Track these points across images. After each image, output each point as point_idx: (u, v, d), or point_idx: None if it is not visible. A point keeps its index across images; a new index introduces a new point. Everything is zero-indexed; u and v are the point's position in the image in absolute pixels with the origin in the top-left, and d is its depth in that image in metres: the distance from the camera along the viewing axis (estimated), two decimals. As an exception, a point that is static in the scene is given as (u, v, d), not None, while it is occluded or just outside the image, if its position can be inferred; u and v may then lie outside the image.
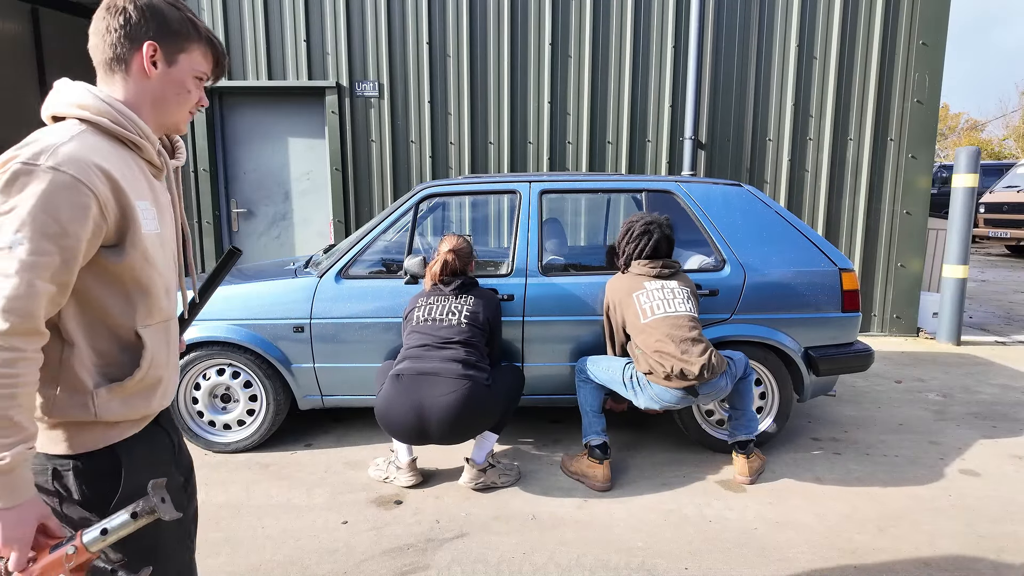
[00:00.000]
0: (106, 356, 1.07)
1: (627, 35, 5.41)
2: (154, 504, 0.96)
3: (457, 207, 5.39)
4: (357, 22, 5.48)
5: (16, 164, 0.94)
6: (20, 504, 0.94)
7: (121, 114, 1.06)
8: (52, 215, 0.93)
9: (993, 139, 31.43)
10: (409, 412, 2.52)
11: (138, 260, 1.05)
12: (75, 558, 0.96)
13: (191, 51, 1.12)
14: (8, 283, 0.91)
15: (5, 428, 0.91)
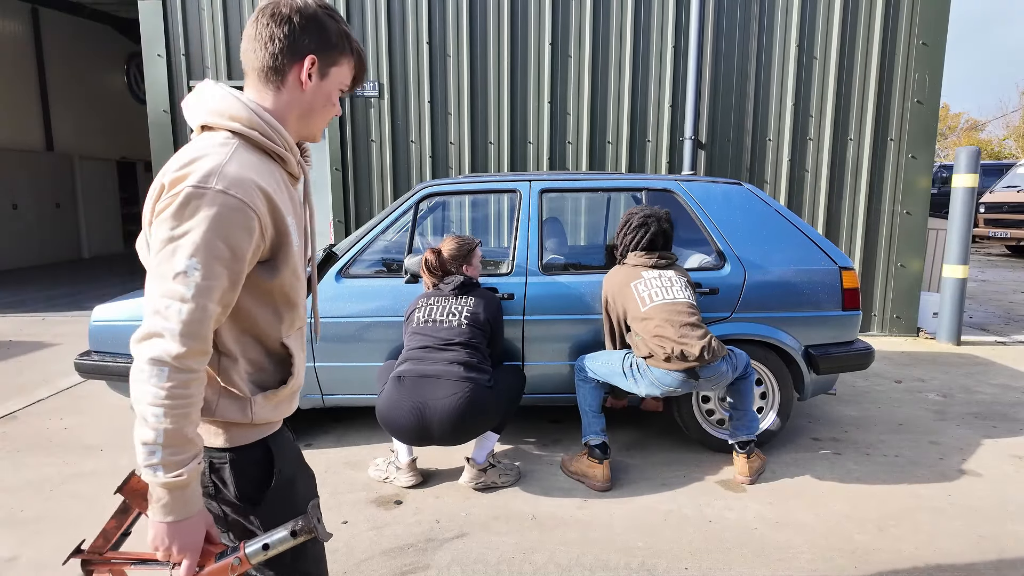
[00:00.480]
0: (256, 364, 1.11)
1: (627, 35, 5.41)
2: (313, 524, 1.02)
3: (457, 206, 5.39)
4: (357, 22, 5.47)
5: (188, 188, 0.94)
6: (190, 516, 0.99)
7: (270, 127, 1.06)
8: (223, 239, 0.95)
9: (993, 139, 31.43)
10: (411, 414, 2.52)
11: (288, 277, 1.08)
12: (238, 569, 1.02)
13: (342, 65, 1.12)
14: (185, 307, 0.93)
15: (182, 446, 0.95)
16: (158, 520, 0.98)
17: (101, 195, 11.90)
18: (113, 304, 3.18)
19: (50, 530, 2.44)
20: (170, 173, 0.97)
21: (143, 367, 0.93)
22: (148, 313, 0.95)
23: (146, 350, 0.93)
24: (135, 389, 0.94)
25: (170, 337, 0.93)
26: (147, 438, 0.94)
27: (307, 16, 1.06)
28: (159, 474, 0.95)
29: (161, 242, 0.95)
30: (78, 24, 11.31)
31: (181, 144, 5.65)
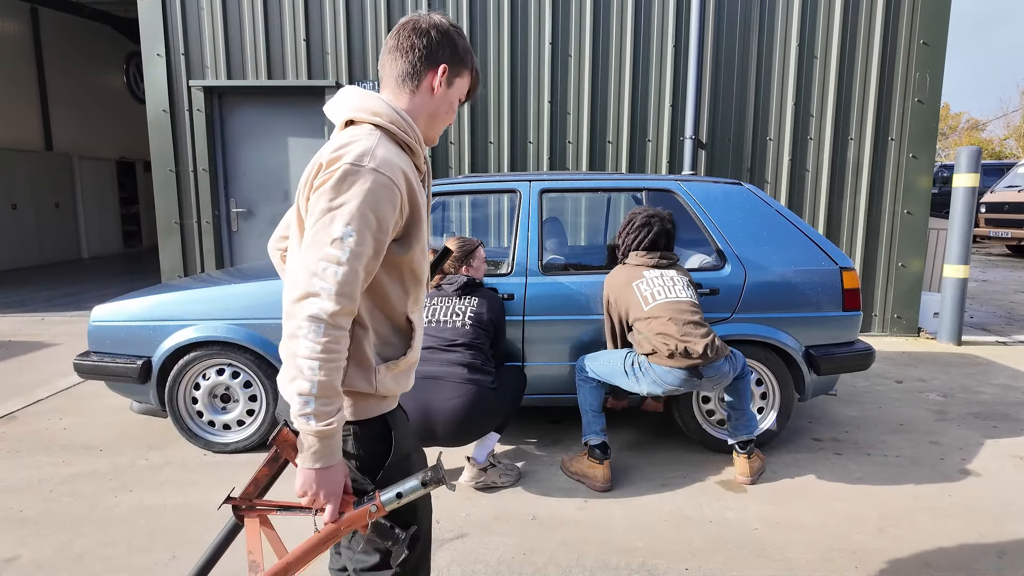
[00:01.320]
0: (383, 337, 1.21)
1: (627, 35, 5.41)
2: (441, 475, 1.13)
3: (457, 206, 5.39)
4: (357, 22, 5.47)
5: (345, 165, 1.07)
6: (335, 464, 1.09)
7: (406, 123, 1.18)
8: (372, 210, 1.07)
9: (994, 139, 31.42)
10: (415, 415, 2.51)
11: (418, 253, 1.20)
12: (375, 515, 1.13)
13: (464, 76, 1.26)
14: (340, 270, 1.04)
15: (332, 397, 1.05)
16: (307, 467, 1.07)
17: (100, 195, 11.89)
18: (112, 304, 3.17)
19: (50, 530, 2.43)
20: (327, 154, 1.10)
21: (301, 324, 1.03)
22: (305, 275, 1.04)
23: (304, 308, 1.03)
24: (291, 344, 1.04)
25: (326, 296, 1.03)
26: (303, 389, 1.03)
27: (442, 31, 1.21)
28: (312, 423, 1.04)
29: (320, 212, 1.07)
30: (78, 24, 11.30)
31: (180, 144, 5.66)
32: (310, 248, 1.06)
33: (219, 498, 2.69)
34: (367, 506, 1.13)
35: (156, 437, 3.35)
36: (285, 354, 1.07)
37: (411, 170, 1.17)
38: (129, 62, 12.78)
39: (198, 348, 3.05)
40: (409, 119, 1.19)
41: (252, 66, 5.55)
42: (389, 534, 1.17)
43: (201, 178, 5.67)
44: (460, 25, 5.37)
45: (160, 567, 2.20)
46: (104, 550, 2.31)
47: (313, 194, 1.09)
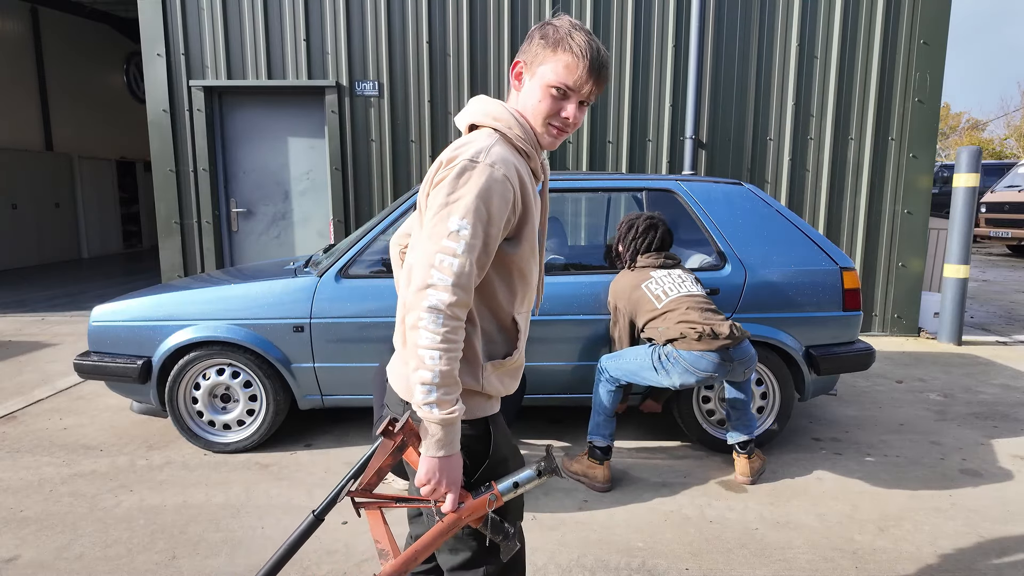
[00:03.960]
0: (489, 335, 1.23)
1: (627, 35, 5.41)
2: (555, 465, 1.16)
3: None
4: (357, 22, 5.47)
5: (463, 161, 1.11)
6: (456, 452, 1.12)
7: (522, 127, 1.21)
8: (486, 205, 1.10)
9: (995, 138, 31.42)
10: None
11: (527, 252, 1.21)
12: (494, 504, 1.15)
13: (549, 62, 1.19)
14: (456, 261, 1.08)
15: (452, 386, 1.08)
16: (431, 455, 1.10)
17: (100, 195, 11.89)
18: (113, 304, 3.17)
19: (50, 530, 2.43)
20: (447, 153, 1.15)
21: (421, 314, 1.07)
22: (423, 267, 1.09)
23: (423, 299, 1.07)
24: (412, 335, 1.07)
25: (443, 287, 1.07)
26: (425, 378, 1.06)
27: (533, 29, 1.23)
28: (435, 411, 1.07)
29: (438, 206, 1.11)
30: (78, 24, 11.31)
31: (181, 144, 5.65)
32: (428, 241, 1.10)
33: (219, 498, 2.69)
34: (486, 495, 1.15)
35: (156, 437, 3.35)
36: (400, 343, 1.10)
37: (526, 171, 1.20)
38: (129, 62, 12.78)
39: (198, 348, 3.05)
40: (526, 124, 1.22)
41: (252, 66, 5.55)
42: (500, 528, 1.18)
43: (201, 178, 5.67)
44: (460, 24, 5.37)
45: (160, 567, 2.20)
46: (104, 550, 2.31)
47: (432, 190, 1.14)
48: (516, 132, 1.20)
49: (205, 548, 2.32)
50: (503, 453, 1.26)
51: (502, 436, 1.27)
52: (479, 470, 1.22)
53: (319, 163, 5.78)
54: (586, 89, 1.19)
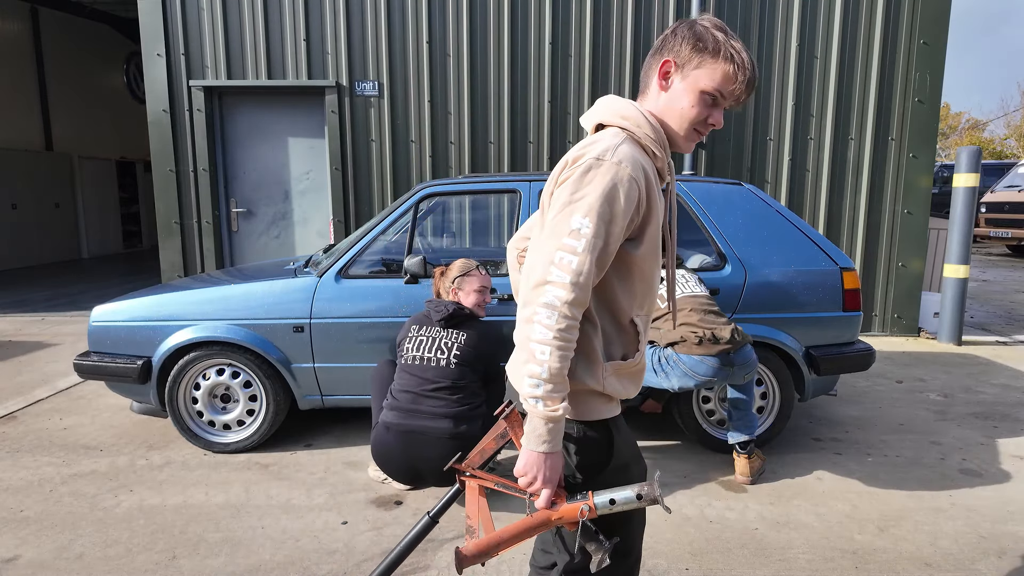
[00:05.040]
0: (608, 336, 1.21)
1: (627, 35, 5.41)
2: (657, 495, 1.13)
3: (457, 207, 5.39)
4: (357, 22, 5.47)
5: (589, 159, 1.11)
6: (557, 451, 1.11)
7: (651, 126, 1.19)
8: (610, 204, 1.09)
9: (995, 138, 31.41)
10: (403, 466, 2.50)
11: (649, 253, 1.20)
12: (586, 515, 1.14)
13: (703, 67, 1.17)
14: (576, 260, 1.07)
15: (561, 384, 1.07)
16: (532, 449, 1.10)
17: (101, 195, 11.89)
18: (113, 304, 3.17)
19: (50, 530, 2.43)
20: (573, 152, 1.14)
21: (537, 310, 1.07)
22: (543, 264, 1.08)
23: (540, 295, 1.07)
24: (526, 329, 1.08)
25: (561, 285, 1.06)
26: (534, 372, 1.06)
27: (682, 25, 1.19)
28: (540, 406, 1.07)
29: (562, 204, 1.10)
30: (78, 24, 11.31)
31: (181, 144, 5.65)
32: (550, 238, 1.10)
33: (219, 498, 2.69)
34: (579, 503, 1.14)
35: (156, 437, 3.35)
36: (519, 338, 1.10)
37: (652, 171, 1.18)
38: (129, 62, 12.78)
39: (198, 348, 3.05)
40: (655, 123, 1.19)
41: (252, 66, 5.55)
42: (593, 537, 1.16)
43: (201, 178, 5.67)
44: (460, 24, 5.37)
45: (160, 567, 2.20)
46: (104, 550, 2.31)
47: (557, 189, 1.14)
48: (645, 131, 1.18)
49: (205, 548, 2.32)
50: (624, 458, 1.24)
51: (624, 440, 1.25)
52: (600, 474, 1.20)
53: (319, 163, 5.78)
54: (739, 99, 1.19)
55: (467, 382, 2.54)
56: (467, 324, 2.63)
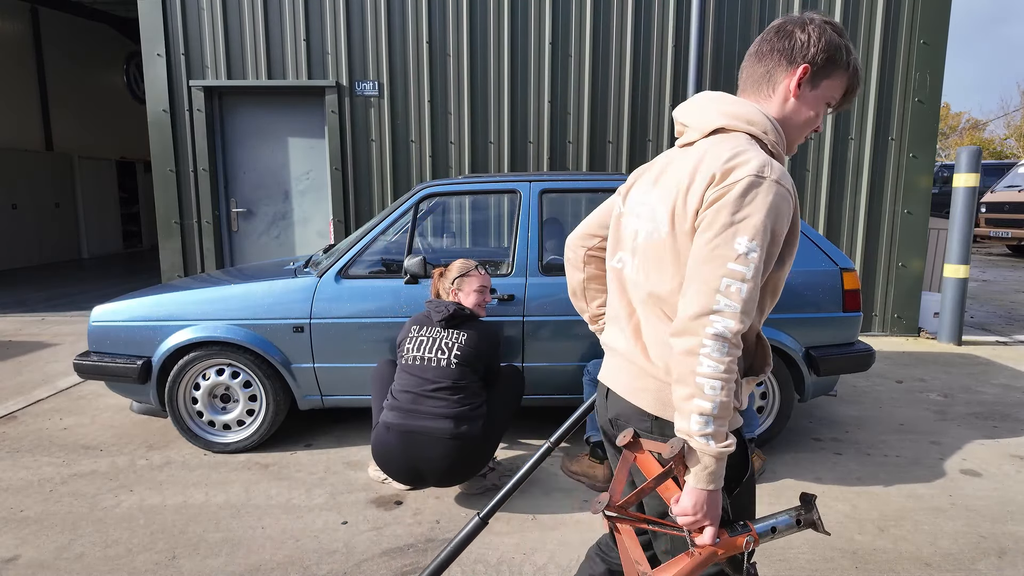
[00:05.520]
0: (746, 352, 1.20)
1: (627, 35, 5.41)
2: (815, 519, 1.09)
3: (457, 207, 5.38)
4: (357, 22, 5.47)
5: (749, 176, 1.03)
6: (721, 487, 1.05)
7: (777, 132, 1.14)
8: (772, 225, 1.03)
9: (995, 138, 31.42)
10: (403, 466, 2.49)
11: (788, 270, 1.16)
12: (750, 546, 1.09)
13: (834, 77, 1.16)
14: (745, 287, 1.01)
15: (728, 418, 1.02)
16: (700, 487, 1.03)
17: (101, 195, 11.89)
18: (113, 304, 3.17)
19: (50, 530, 2.43)
20: (718, 164, 1.05)
21: (704, 342, 1.00)
22: (707, 292, 1.01)
23: (706, 326, 1.00)
24: (689, 362, 1.01)
25: (731, 314, 1.00)
26: (704, 408, 1.00)
27: (810, 29, 1.14)
28: (711, 444, 1.01)
29: (721, 226, 1.02)
30: (78, 24, 11.31)
31: (181, 144, 5.65)
32: (709, 263, 1.02)
33: (219, 498, 2.69)
34: (743, 535, 1.09)
35: (156, 437, 3.35)
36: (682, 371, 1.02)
37: None
38: (129, 62, 12.78)
39: (198, 348, 3.05)
40: (779, 129, 1.14)
41: (252, 66, 5.55)
42: (744, 569, 1.13)
43: (201, 178, 5.67)
44: (460, 24, 5.38)
45: (160, 567, 2.20)
46: (104, 550, 2.31)
47: (712, 207, 1.04)
48: (772, 138, 1.12)
49: (205, 548, 2.32)
50: (751, 469, 1.22)
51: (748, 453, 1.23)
52: (740, 483, 1.18)
53: (319, 163, 5.78)
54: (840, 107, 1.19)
55: (467, 382, 2.54)
56: (467, 324, 2.63)
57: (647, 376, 1.19)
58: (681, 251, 1.10)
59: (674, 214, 1.11)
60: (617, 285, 1.28)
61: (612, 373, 1.28)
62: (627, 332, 1.23)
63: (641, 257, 1.19)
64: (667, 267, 1.13)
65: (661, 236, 1.14)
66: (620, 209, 1.32)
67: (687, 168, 1.10)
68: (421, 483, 2.57)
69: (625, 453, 1.15)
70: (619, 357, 1.27)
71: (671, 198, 1.12)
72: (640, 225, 1.21)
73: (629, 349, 1.22)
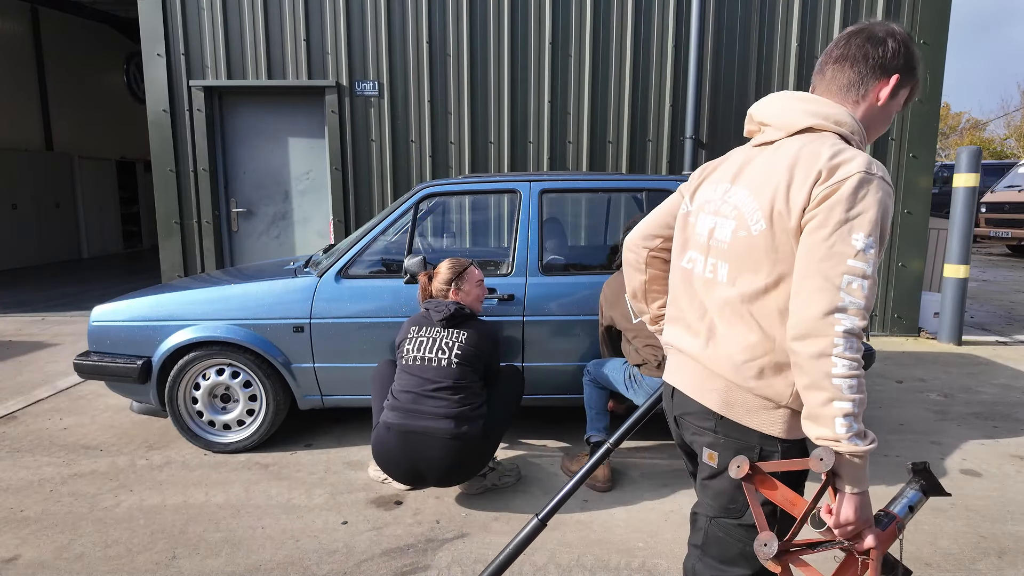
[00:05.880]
0: None
1: (627, 34, 5.41)
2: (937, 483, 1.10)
3: (457, 207, 5.39)
4: (357, 22, 5.47)
5: (859, 173, 1.04)
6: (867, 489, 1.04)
7: (862, 135, 1.17)
8: (882, 222, 1.04)
9: (995, 138, 31.41)
10: (404, 466, 2.48)
11: None
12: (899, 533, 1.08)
13: (908, 87, 1.21)
14: (867, 283, 1.02)
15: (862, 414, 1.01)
16: (856, 491, 1.02)
17: (100, 195, 11.89)
18: (113, 304, 3.17)
19: (50, 530, 2.43)
20: (822, 162, 1.06)
21: (837, 341, 1.00)
22: (830, 290, 1.01)
23: (835, 325, 1.00)
24: (822, 365, 1.00)
25: (855, 311, 1.01)
26: (847, 410, 0.99)
27: (899, 40, 1.18)
28: (859, 444, 0.99)
29: (837, 223, 1.03)
30: (78, 24, 11.31)
31: (181, 144, 5.65)
32: (828, 260, 1.03)
33: (219, 498, 2.69)
34: (892, 525, 1.08)
35: (156, 437, 3.35)
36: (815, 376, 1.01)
37: None
38: (129, 62, 12.78)
39: (198, 348, 3.05)
40: (863, 130, 1.17)
41: (252, 66, 5.55)
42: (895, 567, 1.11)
43: (201, 178, 5.67)
44: (460, 24, 5.38)
45: (160, 567, 2.20)
46: (104, 550, 2.31)
47: (821, 205, 1.05)
48: (857, 139, 1.15)
49: (205, 548, 2.32)
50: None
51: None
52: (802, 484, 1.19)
53: (319, 163, 5.78)
54: None
55: (468, 382, 2.53)
56: (468, 324, 2.63)
57: (715, 376, 1.19)
58: (780, 248, 1.10)
59: (772, 211, 1.10)
60: (685, 285, 1.28)
61: (677, 373, 1.29)
62: (698, 332, 1.23)
63: (722, 256, 1.19)
64: (762, 265, 1.12)
65: (754, 234, 1.13)
66: (687, 208, 1.32)
67: (782, 165, 1.11)
68: (421, 483, 2.56)
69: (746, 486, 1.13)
70: (685, 357, 1.27)
71: (767, 195, 1.11)
72: (720, 223, 1.20)
73: (699, 349, 1.22)
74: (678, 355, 1.30)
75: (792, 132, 1.16)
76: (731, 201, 1.19)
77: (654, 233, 1.43)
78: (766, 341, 1.12)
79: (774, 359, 1.12)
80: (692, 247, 1.27)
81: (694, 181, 1.33)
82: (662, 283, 1.46)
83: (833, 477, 1.04)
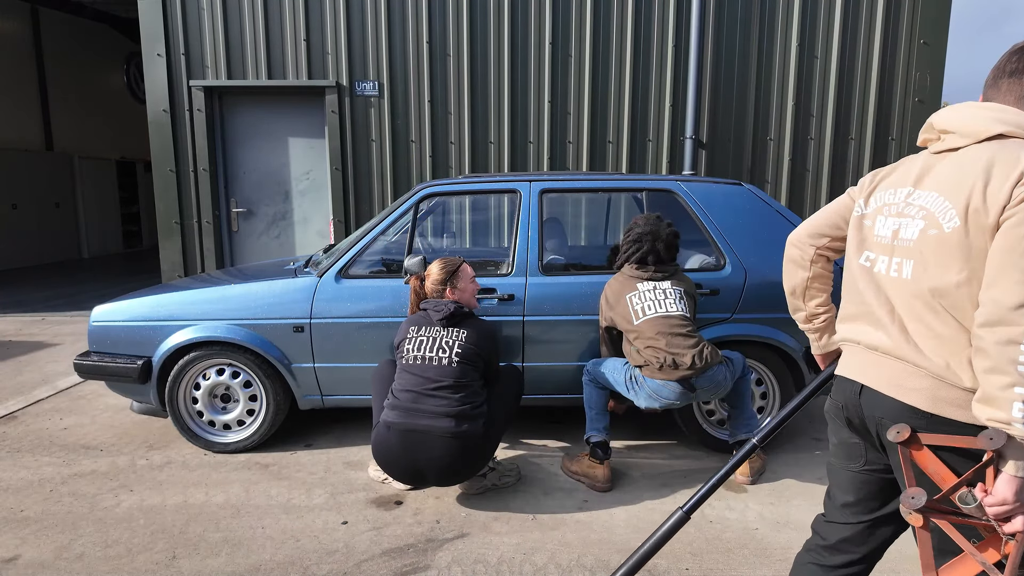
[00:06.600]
0: None
1: (627, 34, 5.41)
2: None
3: (457, 207, 5.39)
4: (357, 22, 5.47)
5: None
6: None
7: None
8: None
9: (994, 139, 31.38)
10: (404, 465, 2.48)
11: None
12: None
13: None
14: None
15: None
16: (1019, 474, 1.08)
17: (100, 195, 11.89)
18: (112, 304, 3.17)
19: (50, 530, 2.43)
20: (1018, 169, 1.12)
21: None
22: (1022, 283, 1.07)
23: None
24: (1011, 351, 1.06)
25: None
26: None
27: None
28: None
29: None
30: (78, 24, 11.31)
31: (181, 144, 5.65)
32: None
33: (219, 498, 2.69)
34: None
35: (156, 437, 3.35)
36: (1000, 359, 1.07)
37: None
38: (129, 62, 12.78)
39: (198, 348, 3.05)
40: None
41: (252, 66, 5.55)
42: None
43: (201, 178, 5.67)
44: (460, 24, 5.39)
45: (160, 567, 2.20)
46: (104, 550, 2.31)
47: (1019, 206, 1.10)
48: None
49: (205, 548, 2.32)
50: None
51: None
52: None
53: (319, 163, 5.78)
54: None
55: (469, 380, 2.53)
56: (467, 322, 2.63)
57: (921, 375, 1.23)
58: (974, 245, 1.15)
59: (968, 209, 1.16)
60: (867, 283, 1.34)
61: (867, 370, 1.32)
62: (889, 329, 1.28)
63: (907, 254, 1.25)
64: (954, 261, 1.17)
65: (946, 231, 1.19)
66: (862, 211, 1.40)
67: (977, 167, 1.17)
68: (422, 483, 2.56)
69: (902, 449, 1.19)
70: (877, 354, 1.31)
71: (962, 194, 1.17)
72: (905, 223, 1.27)
73: (895, 347, 1.27)
74: (866, 352, 1.34)
75: (981, 139, 1.22)
76: (917, 203, 1.26)
77: (822, 232, 1.50)
78: (963, 333, 1.18)
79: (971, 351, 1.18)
80: (869, 247, 1.35)
81: (865, 186, 1.41)
82: (824, 281, 1.54)
83: (997, 459, 1.10)
